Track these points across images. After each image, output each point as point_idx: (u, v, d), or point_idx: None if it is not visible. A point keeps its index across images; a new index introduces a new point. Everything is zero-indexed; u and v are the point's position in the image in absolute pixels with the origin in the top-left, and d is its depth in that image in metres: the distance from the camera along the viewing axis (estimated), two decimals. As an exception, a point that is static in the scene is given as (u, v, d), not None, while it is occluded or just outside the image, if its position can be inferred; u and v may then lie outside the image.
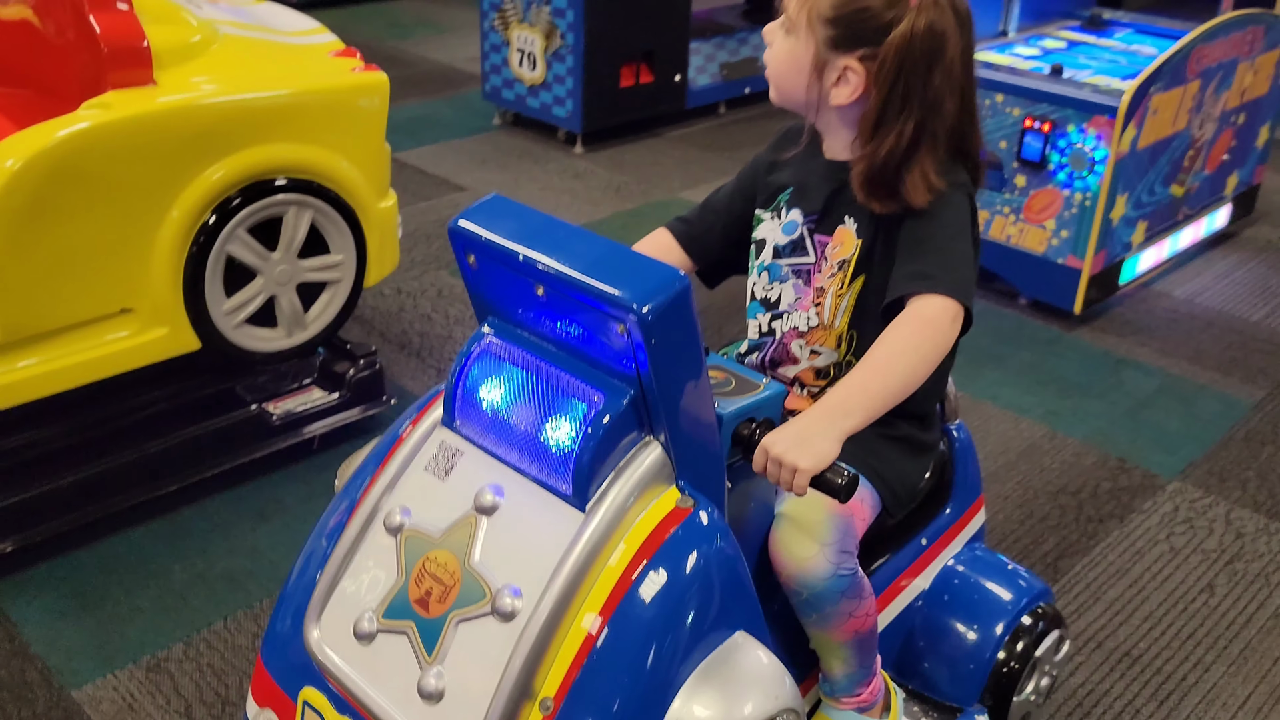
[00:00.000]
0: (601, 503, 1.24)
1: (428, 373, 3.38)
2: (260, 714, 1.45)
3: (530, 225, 1.29)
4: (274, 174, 2.66)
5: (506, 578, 1.25)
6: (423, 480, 1.38)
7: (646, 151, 5.31)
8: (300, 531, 2.67)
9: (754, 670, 1.21)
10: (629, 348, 1.20)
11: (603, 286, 1.17)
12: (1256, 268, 4.31)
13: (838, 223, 1.60)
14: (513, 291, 1.31)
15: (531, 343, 1.33)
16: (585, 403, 1.25)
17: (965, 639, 1.75)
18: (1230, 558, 2.73)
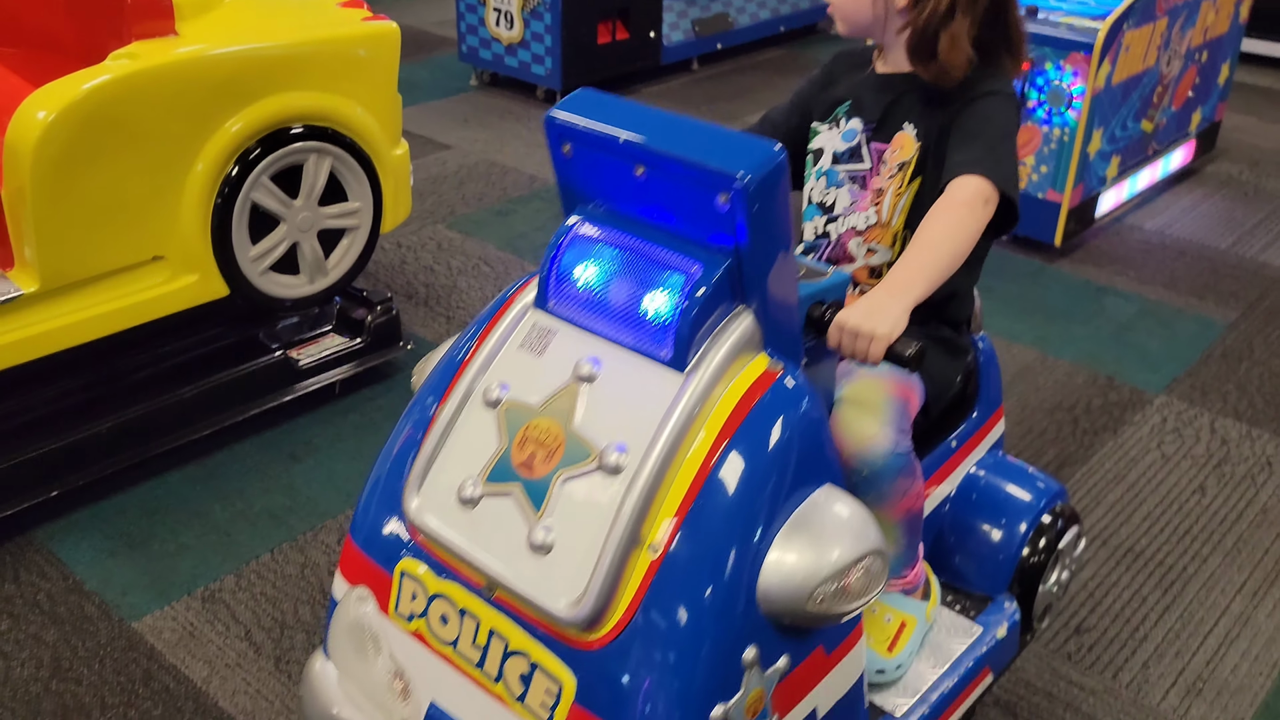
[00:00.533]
0: (700, 365, 1.34)
1: (437, 320, 3.46)
2: (352, 591, 1.53)
3: (625, 111, 1.39)
4: (293, 122, 2.72)
5: (611, 436, 1.34)
6: (518, 358, 1.46)
7: (625, 107, 5.38)
8: (333, 470, 2.76)
9: (841, 518, 1.32)
10: (728, 219, 1.29)
11: (707, 160, 1.27)
12: (1220, 201, 4.49)
13: (895, 130, 1.72)
14: (609, 176, 1.40)
15: (626, 224, 1.42)
16: (684, 274, 1.34)
17: (992, 535, 1.87)
18: (1218, 462, 2.89)
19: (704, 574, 1.28)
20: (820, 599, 1.29)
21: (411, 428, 1.53)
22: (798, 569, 1.28)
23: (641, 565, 1.29)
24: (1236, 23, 4.46)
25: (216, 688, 2.16)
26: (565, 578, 1.31)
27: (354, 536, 1.56)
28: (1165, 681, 2.23)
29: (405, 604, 1.47)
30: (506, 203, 4.32)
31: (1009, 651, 1.87)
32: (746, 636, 1.29)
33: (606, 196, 1.44)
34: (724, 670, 1.28)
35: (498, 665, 1.37)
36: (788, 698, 1.38)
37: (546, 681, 1.33)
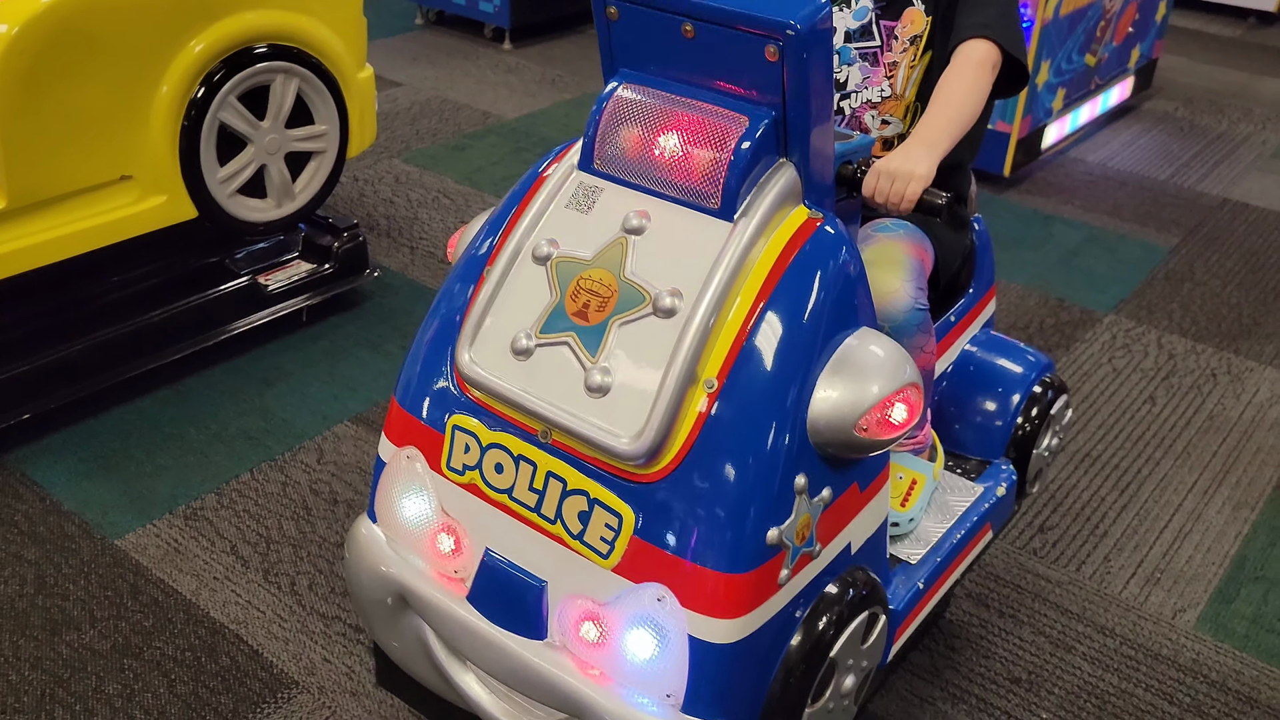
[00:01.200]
0: (748, 213, 1.39)
1: (401, 250, 3.45)
2: (399, 452, 1.55)
3: None
4: (258, 41, 2.68)
5: (664, 282, 1.39)
6: (566, 216, 1.49)
7: (575, 47, 5.37)
8: (306, 394, 2.76)
9: (879, 355, 1.39)
10: (776, 71, 1.34)
11: (758, 10, 1.32)
12: (1158, 135, 4.63)
13: (905, 6, 1.80)
14: (655, 36, 1.43)
15: (671, 84, 1.46)
16: (732, 126, 1.39)
17: (989, 405, 1.97)
18: (1166, 374, 3.02)
19: (758, 406, 1.34)
20: (865, 426, 1.35)
21: (457, 289, 1.55)
22: (844, 400, 1.35)
23: (698, 400, 1.34)
24: (1174, -39, 4.58)
25: (206, 599, 2.17)
26: (624, 415, 1.35)
27: (399, 399, 1.58)
28: (1125, 573, 2.34)
29: (458, 457, 1.50)
30: (462, 138, 4.30)
31: (1006, 510, 1.97)
32: (797, 465, 1.36)
33: (651, 59, 1.47)
34: (778, 495, 1.35)
35: (555, 506, 1.42)
36: (829, 528, 1.45)
37: (606, 516, 1.38)
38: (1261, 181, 4.24)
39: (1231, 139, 4.63)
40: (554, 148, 1.63)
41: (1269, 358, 3.11)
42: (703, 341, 1.34)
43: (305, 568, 2.25)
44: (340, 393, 2.79)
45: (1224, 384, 2.98)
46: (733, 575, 1.33)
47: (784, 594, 1.40)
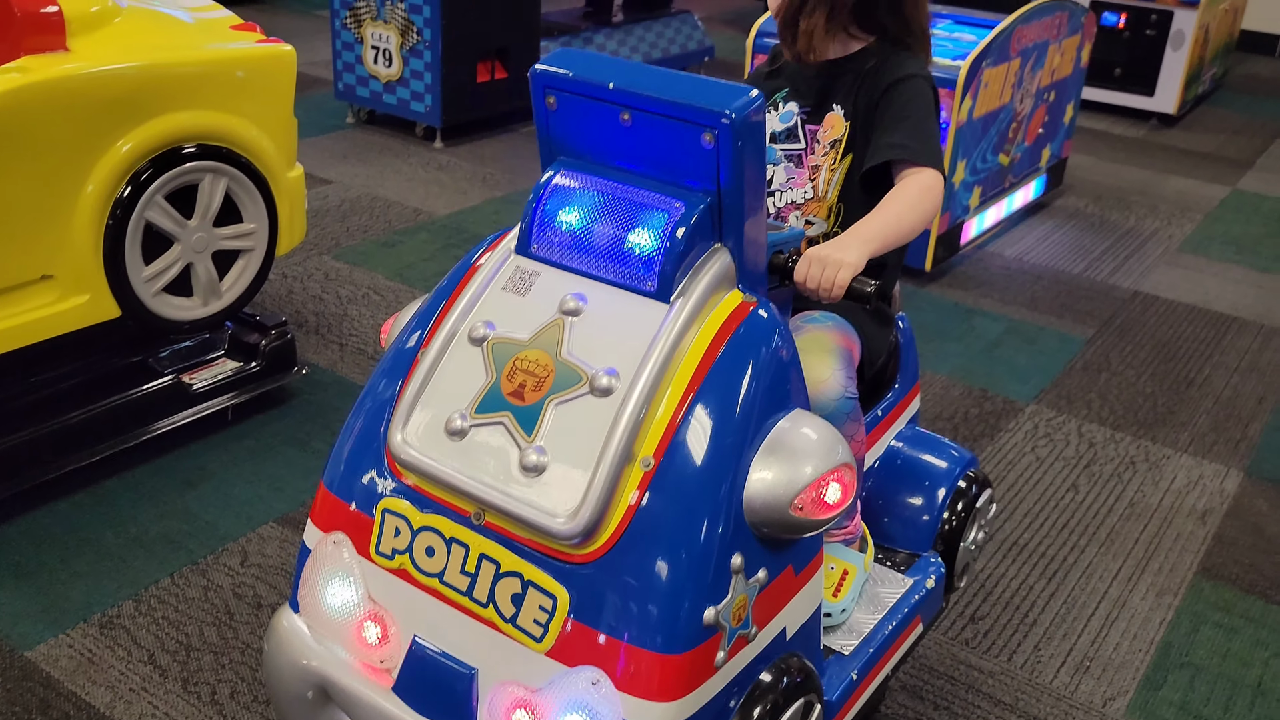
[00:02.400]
0: (683, 296, 1.41)
1: (330, 347, 3.43)
2: (326, 538, 1.53)
3: (607, 63, 1.47)
4: (187, 141, 2.69)
5: (600, 362, 1.40)
6: (503, 298, 1.50)
7: (505, 145, 5.45)
8: (230, 495, 2.71)
9: (812, 437, 1.41)
10: (711, 159, 1.38)
11: (694, 100, 1.36)
12: (1070, 230, 4.80)
13: (827, 111, 1.87)
14: (593, 124, 1.46)
15: (608, 170, 1.49)
16: (667, 212, 1.43)
17: (916, 498, 2.00)
18: (1087, 462, 3.09)
19: (695, 485, 1.35)
20: (801, 506, 1.37)
21: (390, 373, 1.55)
22: (779, 480, 1.36)
23: (634, 479, 1.35)
24: (1079, 66, 4.81)
25: (121, 712, 2.09)
26: (559, 495, 1.35)
27: (328, 483, 1.56)
28: (1055, 661, 2.36)
29: (388, 541, 1.48)
30: (392, 235, 4.32)
31: (936, 603, 1.98)
32: (733, 544, 1.36)
33: (589, 146, 1.51)
34: (715, 574, 1.35)
35: (488, 589, 1.40)
36: (765, 611, 1.45)
37: (540, 598, 1.37)
38: (1169, 275, 4.41)
39: (1139, 234, 4.82)
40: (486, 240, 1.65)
41: (1184, 445, 3.20)
42: (639, 420, 1.35)
43: (227, 675, 2.18)
44: (265, 492, 2.74)
45: (1143, 471, 3.06)
46: (669, 656, 1.32)
47: (720, 677, 1.39)
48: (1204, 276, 4.39)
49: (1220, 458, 3.14)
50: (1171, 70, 6.28)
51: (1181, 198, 5.32)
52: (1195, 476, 3.05)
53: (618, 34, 6.27)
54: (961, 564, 2.04)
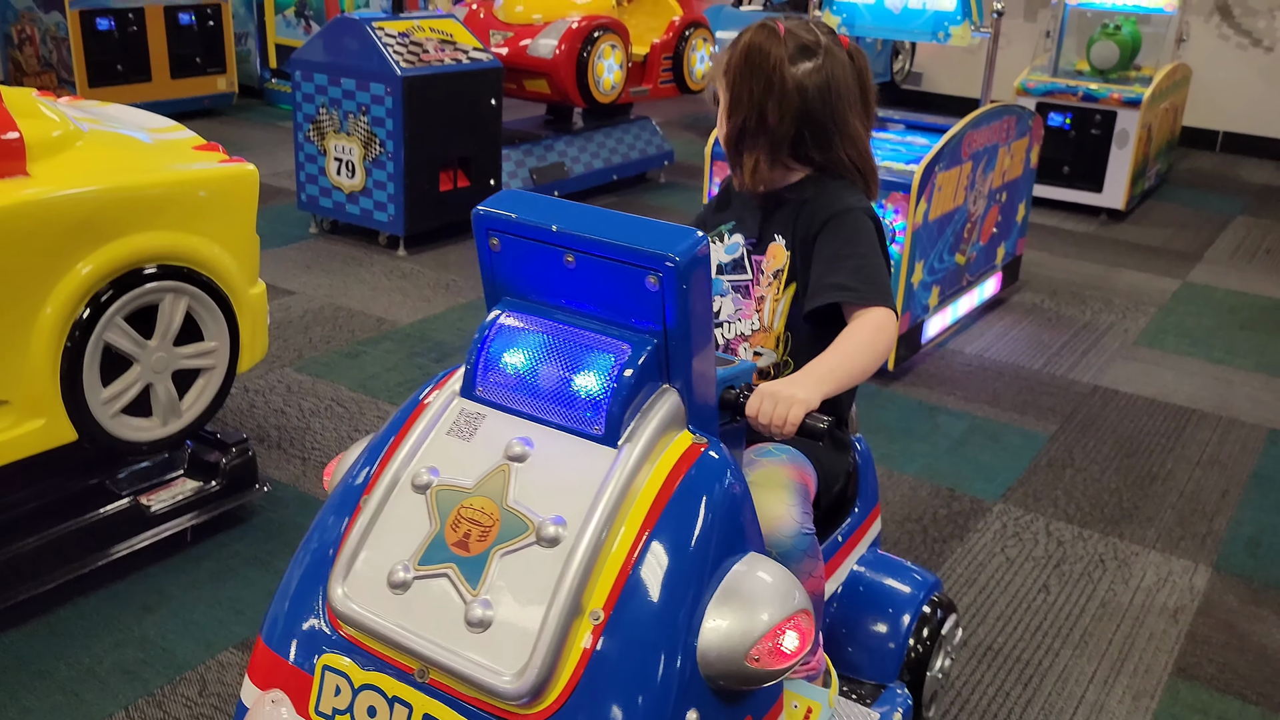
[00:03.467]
0: (631, 440, 1.40)
1: (292, 462, 3.38)
2: (263, 696, 1.47)
3: (550, 205, 1.48)
4: (147, 262, 2.68)
5: (547, 510, 1.37)
6: (446, 443, 1.48)
7: (468, 252, 5.48)
8: (190, 620, 2.64)
9: (767, 582, 1.38)
10: (656, 300, 1.38)
11: (638, 243, 1.37)
12: (1028, 326, 4.88)
13: (769, 241, 1.88)
14: (537, 265, 1.47)
15: (553, 311, 1.49)
16: (614, 354, 1.42)
17: (880, 626, 1.97)
18: (1057, 562, 3.08)
19: (647, 638, 1.31)
20: (757, 656, 1.34)
21: (331, 522, 1.51)
22: (734, 630, 1.33)
23: (583, 634, 1.31)
24: (1028, 167, 4.94)
25: None
26: (506, 652, 1.31)
27: (266, 638, 1.51)
28: (1035, 771, 2.32)
29: (328, 700, 1.43)
30: (355, 345, 4.30)
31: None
32: (688, 699, 1.33)
33: (534, 287, 1.51)
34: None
35: None
36: None
37: None
38: (1126, 369, 4.47)
39: (1096, 328, 4.90)
40: (443, 366, 1.64)
41: (1151, 541, 3.20)
42: (588, 571, 1.33)
43: (183, 815, 2.09)
44: (226, 616, 2.67)
45: (1112, 569, 3.05)
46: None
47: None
48: (1161, 370, 4.46)
49: (1188, 553, 3.15)
50: (1118, 167, 6.46)
51: (1135, 291, 5.42)
52: (1164, 573, 3.05)
53: (578, 140, 6.38)
54: (929, 694, 2.01)
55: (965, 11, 4.29)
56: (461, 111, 5.40)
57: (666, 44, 6.59)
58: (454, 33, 5.53)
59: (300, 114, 5.44)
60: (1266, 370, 4.44)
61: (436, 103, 5.25)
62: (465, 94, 5.41)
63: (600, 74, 6.03)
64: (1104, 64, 6.76)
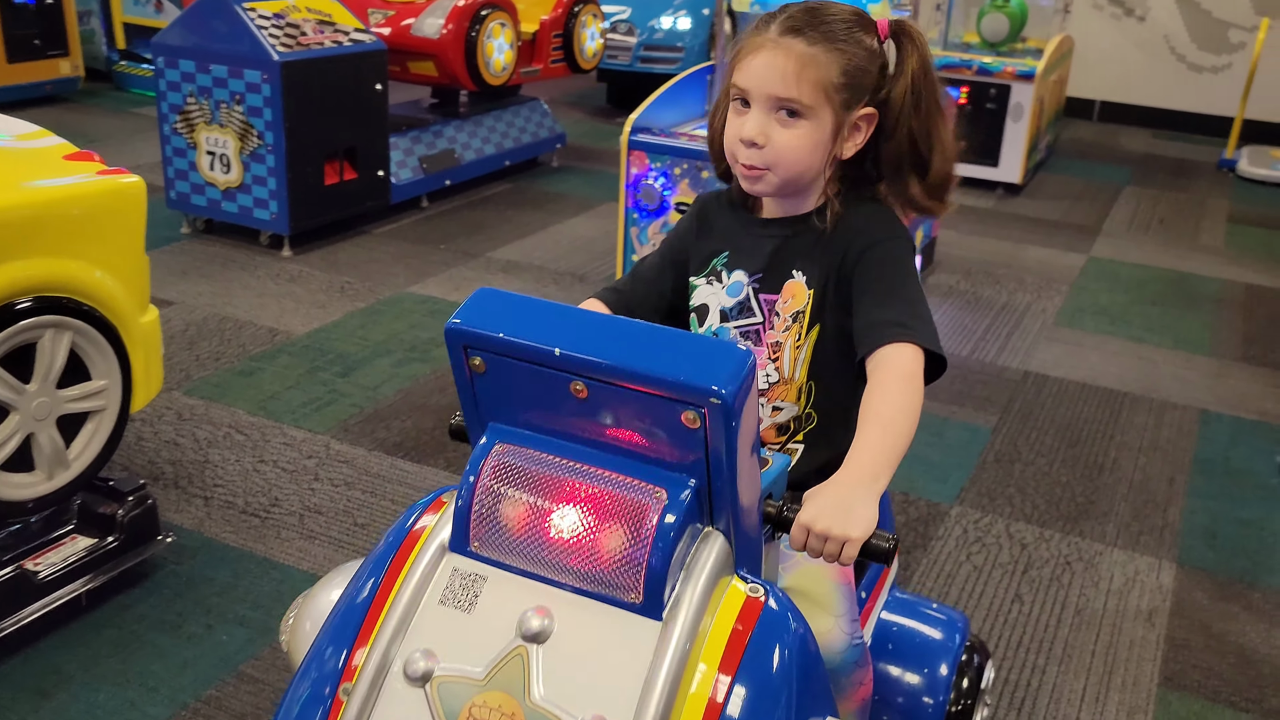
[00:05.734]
0: (678, 608, 1.13)
1: (193, 503, 3.03)
2: None
3: (545, 314, 1.18)
4: (22, 295, 2.31)
5: (585, 709, 1.10)
6: (441, 616, 1.19)
7: (359, 250, 5.12)
8: (93, 702, 2.31)
9: None
10: (696, 438, 1.11)
11: (673, 375, 1.09)
12: (950, 310, 4.79)
13: (785, 278, 1.61)
14: (536, 392, 1.18)
15: (562, 446, 1.20)
16: (648, 501, 1.14)
17: (917, 684, 1.77)
18: (1024, 567, 2.97)
19: None
20: None
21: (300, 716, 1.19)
22: None
23: None
24: (942, 147, 4.84)
25: None
26: None
27: None
28: (1046, 808, 2.19)
29: None
30: (248, 361, 3.93)
31: None
32: None
33: (532, 414, 1.22)
34: None
35: None
36: None
37: None
38: (1051, 351, 4.42)
39: (1014, 309, 4.85)
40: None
41: (1112, 539, 3.13)
42: None
43: None
44: (137, 695, 2.34)
45: (1080, 572, 2.96)
46: None
47: None
48: (1085, 350, 4.42)
49: (1149, 549, 3.08)
50: (1014, 141, 6.46)
51: (1044, 268, 5.41)
52: (1131, 573, 2.97)
53: (468, 125, 6.05)
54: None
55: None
56: (345, 98, 5.02)
57: (556, 21, 6.30)
58: (333, 12, 5.13)
59: (165, 104, 4.97)
60: (1184, 347, 4.45)
61: (318, 89, 4.87)
62: (348, 79, 5.03)
63: (490, 54, 5.71)
64: (994, 37, 6.75)
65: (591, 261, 5.13)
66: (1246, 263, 5.62)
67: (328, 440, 3.42)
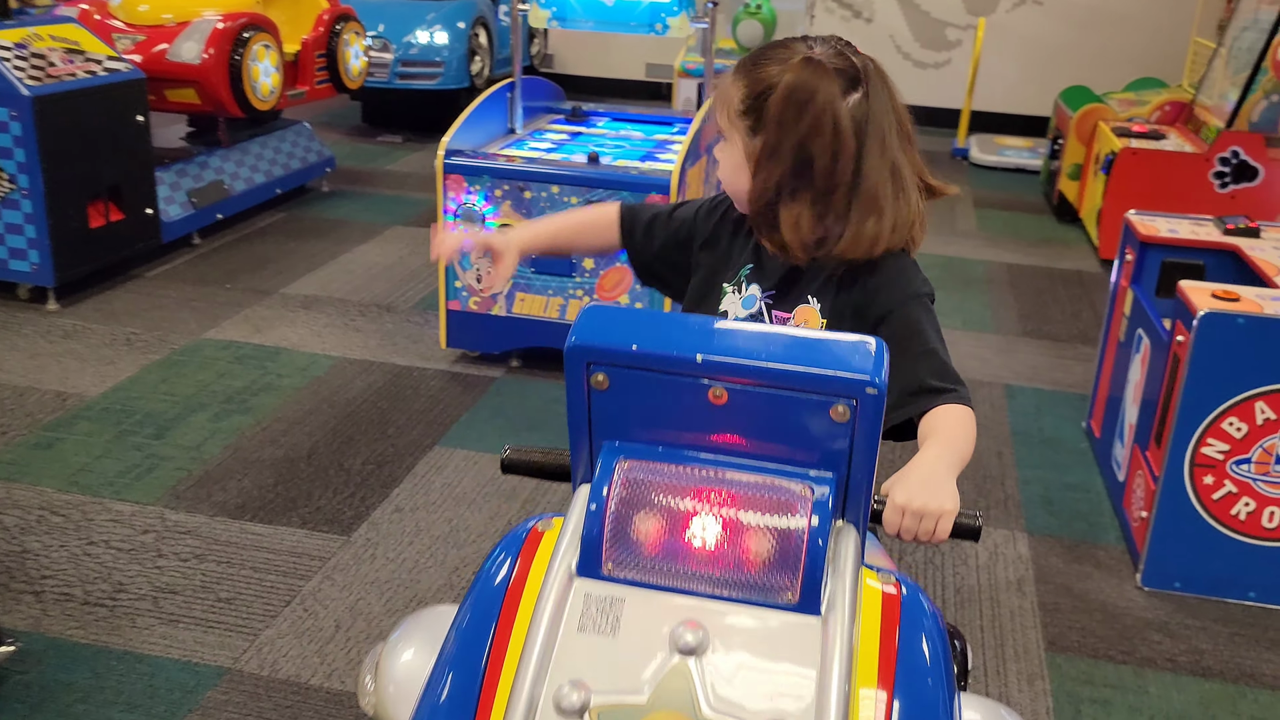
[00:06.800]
0: (834, 602, 1.14)
1: (23, 601, 2.69)
2: None
3: (672, 324, 1.19)
4: None
5: (760, 713, 1.08)
6: (584, 644, 1.13)
7: (137, 296, 4.70)
8: None
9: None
10: (842, 432, 1.13)
11: (820, 367, 1.11)
12: (757, 310, 4.93)
13: (798, 301, 1.65)
14: (666, 403, 1.16)
15: (691, 455, 1.19)
16: (796, 498, 1.15)
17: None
18: (898, 555, 3.10)
19: None
20: None
21: None
22: None
23: None
24: (736, 153, 4.98)
25: None
26: None
27: None
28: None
29: None
30: (42, 432, 3.53)
31: None
32: None
33: (658, 427, 1.19)
34: None
35: None
36: None
37: None
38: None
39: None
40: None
41: (965, 515, 3.31)
42: None
43: None
44: (16, 834, 2.06)
45: (948, 552, 3.12)
46: None
47: None
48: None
49: (1001, 522, 3.29)
50: (779, 142, 6.72)
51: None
52: (992, 547, 3.16)
53: (234, 154, 5.68)
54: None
55: (683, 3, 4.20)
56: (105, 133, 4.60)
57: (318, 40, 6.01)
58: (80, 39, 4.69)
59: (-111, 149, 4.37)
60: (973, 327, 4.79)
61: (75, 125, 4.43)
62: (107, 112, 4.62)
63: (256, 78, 5.38)
64: (750, 42, 7.00)
65: (395, 290, 4.93)
66: (1001, 244, 6.11)
67: (160, 511, 3.12)
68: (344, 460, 3.44)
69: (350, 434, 3.60)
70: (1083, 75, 7.97)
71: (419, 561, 2.95)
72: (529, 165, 3.92)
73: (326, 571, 2.89)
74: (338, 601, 2.77)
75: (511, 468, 1.45)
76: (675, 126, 4.76)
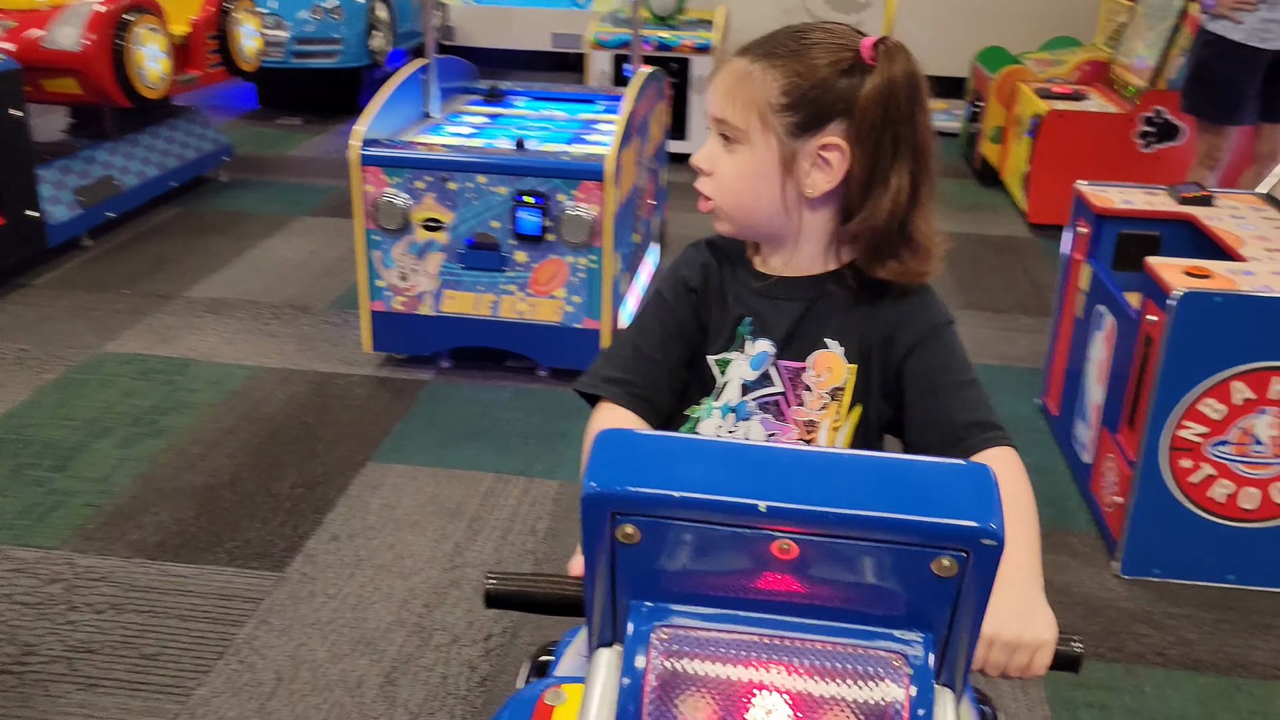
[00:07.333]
0: None
1: (-82, 675, 2.39)
2: None
3: (718, 457, 0.92)
4: None
5: None
6: None
7: (24, 308, 4.32)
8: None
9: None
10: (946, 588, 0.90)
11: (926, 516, 0.87)
12: (692, 293, 4.75)
13: (813, 346, 1.40)
14: (714, 560, 0.92)
15: (745, 618, 0.94)
16: (884, 670, 0.91)
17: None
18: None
19: None
20: None
21: None
22: None
23: None
24: (664, 131, 4.77)
25: None
26: None
27: None
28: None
29: None
30: (-74, 470, 3.19)
31: None
32: None
33: (701, 585, 0.95)
34: None
35: None
36: None
37: None
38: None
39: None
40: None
41: (933, 507, 3.19)
42: None
43: None
44: None
45: (920, 549, 2.99)
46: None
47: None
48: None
49: (970, 513, 3.17)
50: (699, 114, 6.53)
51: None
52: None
53: (123, 146, 5.28)
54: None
55: (607, -26, 3.97)
56: (-23, 131, 4.20)
57: (209, 20, 5.61)
58: (-58, 29, 4.26)
59: None
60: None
61: (-57, 123, 4.03)
62: (-22, 107, 4.21)
63: (142, 64, 4.98)
64: (663, 11, 6.80)
65: (310, 289, 4.62)
66: (930, 211, 6.00)
67: (69, 556, 2.82)
68: (271, 484, 3.17)
69: (275, 454, 3.33)
70: (997, 36, 7.91)
71: (363, 596, 2.71)
72: (453, 154, 3.65)
73: (261, 615, 2.64)
74: (277, 649, 2.53)
75: (497, 602, 1.20)
76: (599, 104, 4.53)
